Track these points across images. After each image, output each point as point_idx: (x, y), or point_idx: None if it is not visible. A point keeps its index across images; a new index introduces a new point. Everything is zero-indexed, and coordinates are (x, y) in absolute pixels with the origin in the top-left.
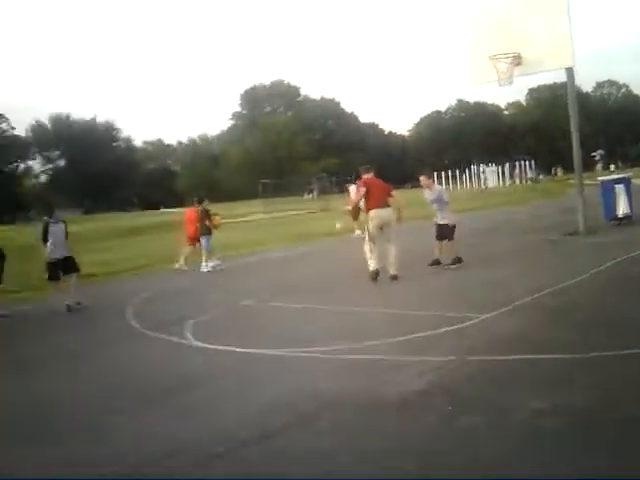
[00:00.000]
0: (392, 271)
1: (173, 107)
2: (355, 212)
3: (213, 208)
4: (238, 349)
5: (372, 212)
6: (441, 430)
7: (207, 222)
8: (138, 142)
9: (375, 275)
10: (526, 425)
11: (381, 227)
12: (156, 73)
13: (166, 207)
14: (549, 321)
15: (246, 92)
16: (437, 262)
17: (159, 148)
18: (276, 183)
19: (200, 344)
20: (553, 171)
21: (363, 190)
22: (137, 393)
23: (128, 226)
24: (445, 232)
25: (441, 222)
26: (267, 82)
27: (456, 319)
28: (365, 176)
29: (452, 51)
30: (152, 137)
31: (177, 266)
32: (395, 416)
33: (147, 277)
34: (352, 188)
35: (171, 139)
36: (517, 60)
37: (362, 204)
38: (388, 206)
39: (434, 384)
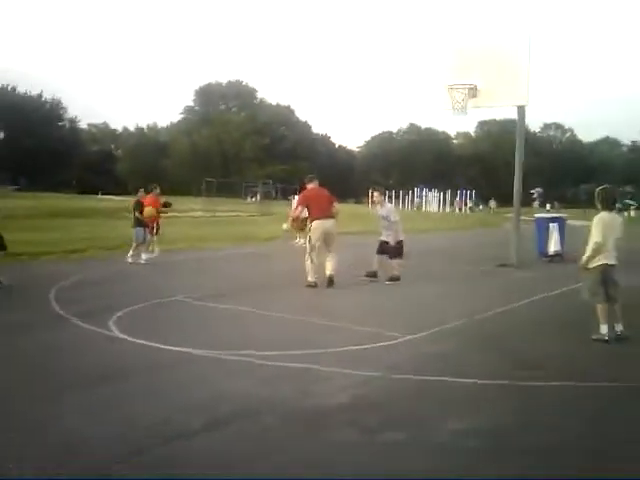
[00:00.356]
0: (329, 271)
1: (124, 93)
2: (297, 224)
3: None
4: (163, 346)
5: (316, 222)
6: (359, 444)
7: (137, 214)
8: (83, 124)
9: (312, 286)
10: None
11: (324, 238)
12: (111, 57)
13: (104, 193)
14: (471, 346)
15: (201, 88)
16: (373, 274)
17: (104, 132)
18: (220, 182)
19: (123, 336)
20: (488, 203)
21: (300, 208)
22: (43, 383)
23: (64, 207)
24: (385, 249)
25: (384, 239)
26: (224, 81)
27: (384, 337)
28: (309, 185)
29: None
30: (98, 120)
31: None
32: (313, 427)
33: (79, 262)
34: (295, 199)
35: (118, 124)
36: (473, 92)
37: (304, 214)
38: (332, 217)
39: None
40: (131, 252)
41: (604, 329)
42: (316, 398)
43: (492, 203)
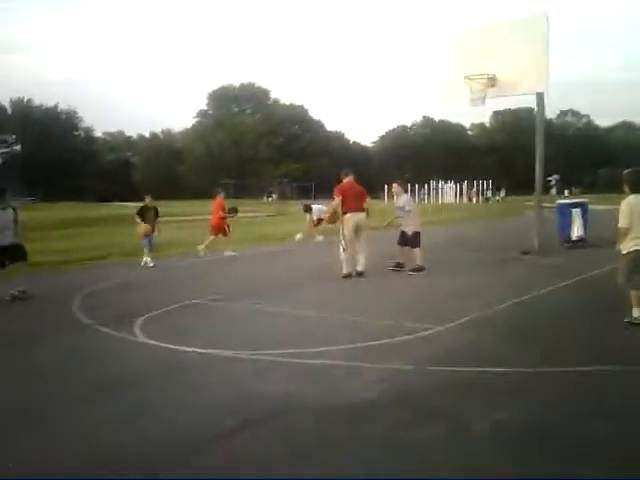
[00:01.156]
0: (360, 267)
1: (138, 100)
2: (333, 217)
3: (175, 206)
4: (188, 348)
5: (348, 215)
6: (393, 439)
7: (138, 219)
8: (98, 132)
9: (348, 276)
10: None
11: (355, 229)
12: (123, 65)
13: (121, 200)
14: (503, 335)
15: (214, 92)
16: (399, 265)
17: (119, 140)
18: (237, 184)
19: (149, 341)
20: (497, 192)
21: (337, 200)
22: (71, 390)
23: (82, 216)
24: (406, 239)
25: (403, 229)
26: (236, 83)
27: (413, 329)
28: (345, 179)
29: (424, 68)
30: (113, 128)
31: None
32: (349, 423)
33: (100, 268)
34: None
35: (133, 132)
36: (492, 81)
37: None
38: (363, 210)
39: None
40: (145, 258)
41: (637, 312)
42: (345, 394)
43: (502, 192)
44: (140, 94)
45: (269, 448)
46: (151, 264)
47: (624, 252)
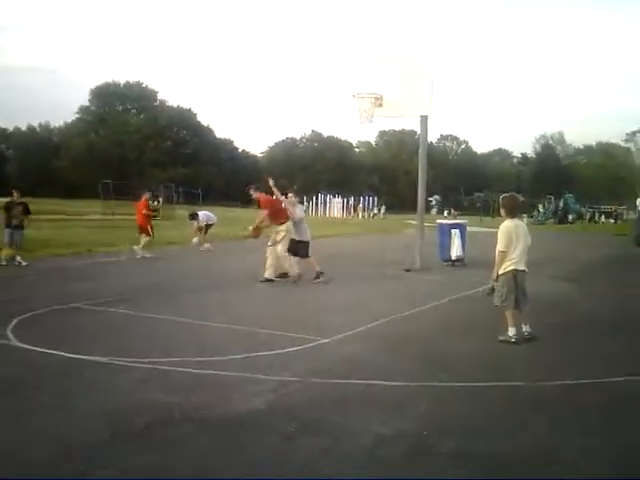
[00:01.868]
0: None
1: (15, 91)
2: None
3: (50, 203)
4: (65, 354)
5: (288, 224)
6: (280, 450)
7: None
8: None
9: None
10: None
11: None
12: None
13: None
14: (386, 349)
15: (97, 88)
16: (284, 275)
17: None
18: (118, 185)
19: (22, 345)
20: (376, 209)
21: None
22: None
23: None
24: (295, 248)
25: (295, 238)
26: (122, 81)
27: (300, 340)
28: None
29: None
30: None
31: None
32: (232, 434)
33: None
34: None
35: (9, 124)
36: (379, 101)
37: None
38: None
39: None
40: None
41: (512, 331)
42: (231, 405)
43: (382, 209)
44: (18, 85)
45: (143, 459)
46: (21, 263)
47: (501, 272)
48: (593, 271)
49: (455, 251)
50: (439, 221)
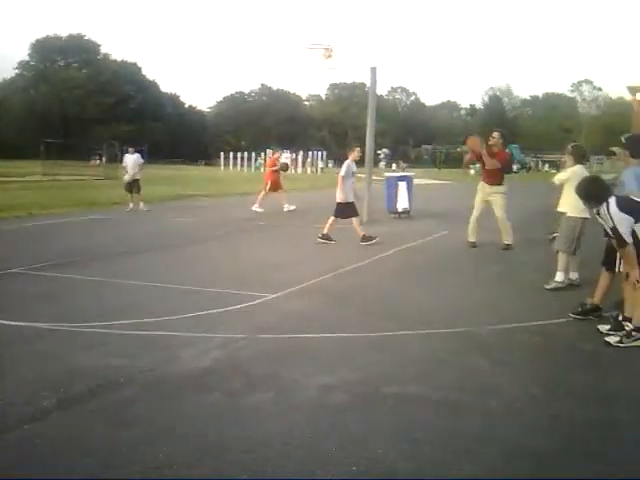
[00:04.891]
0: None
1: None
2: None
3: None
4: (5, 321)
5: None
6: (227, 407)
7: None
8: None
9: None
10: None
11: None
12: None
13: None
14: (332, 303)
15: (38, 41)
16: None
17: None
18: (61, 144)
19: None
20: (325, 164)
21: None
22: None
23: None
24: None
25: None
26: (63, 34)
27: (246, 297)
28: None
29: (263, 34)
30: None
31: None
32: (180, 393)
33: None
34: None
35: None
36: (328, 52)
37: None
38: None
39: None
40: None
41: (561, 276)
42: (177, 364)
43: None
44: None
45: (90, 425)
46: None
47: (571, 215)
48: (535, 220)
49: (401, 203)
50: (386, 174)
